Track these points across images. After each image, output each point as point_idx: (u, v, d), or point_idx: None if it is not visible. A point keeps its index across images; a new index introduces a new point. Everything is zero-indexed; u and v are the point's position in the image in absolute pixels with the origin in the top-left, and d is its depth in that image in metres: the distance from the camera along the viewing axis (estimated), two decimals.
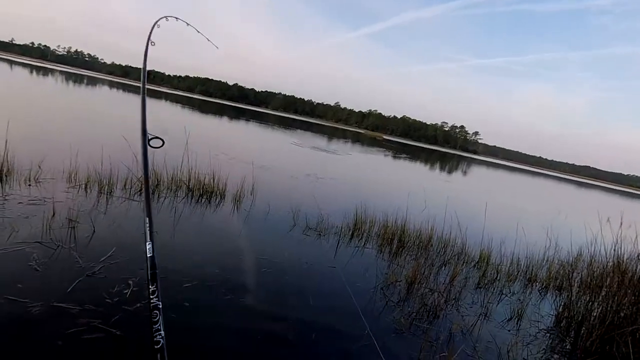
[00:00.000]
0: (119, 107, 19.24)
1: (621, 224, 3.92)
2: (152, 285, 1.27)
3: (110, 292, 2.40)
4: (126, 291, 2.46)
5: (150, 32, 1.92)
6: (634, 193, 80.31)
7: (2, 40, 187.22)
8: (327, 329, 2.69)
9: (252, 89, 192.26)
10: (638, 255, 3.37)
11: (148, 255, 1.35)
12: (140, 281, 2.62)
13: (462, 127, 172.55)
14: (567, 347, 3.18)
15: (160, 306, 1.22)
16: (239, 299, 2.75)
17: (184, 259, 3.21)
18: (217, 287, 2.84)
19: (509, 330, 3.23)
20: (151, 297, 1.24)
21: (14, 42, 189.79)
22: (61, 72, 61.37)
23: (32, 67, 50.65)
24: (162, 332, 1.17)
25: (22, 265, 2.49)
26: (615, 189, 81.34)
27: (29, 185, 4.05)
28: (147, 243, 1.38)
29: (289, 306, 2.87)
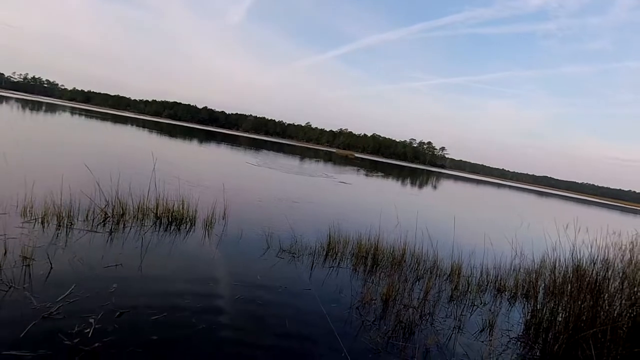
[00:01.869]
0: (79, 133, 18.51)
1: (577, 230, 4.16)
2: None
3: (69, 334, 2.25)
4: (87, 330, 2.32)
5: None
6: (587, 200, 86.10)
7: None
8: (303, 353, 2.65)
9: (223, 112, 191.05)
10: (592, 261, 3.57)
11: None
12: (103, 317, 2.48)
13: (429, 143, 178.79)
14: (537, 354, 3.27)
15: None
16: (212, 328, 2.66)
17: (152, 291, 3.08)
18: (188, 318, 2.73)
19: (482, 341, 3.29)
20: None
21: None
22: (17, 99, 58.52)
23: None
24: None
25: None
26: (571, 197, 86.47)
27: None
28: None
29: (264, 332, 2.80)
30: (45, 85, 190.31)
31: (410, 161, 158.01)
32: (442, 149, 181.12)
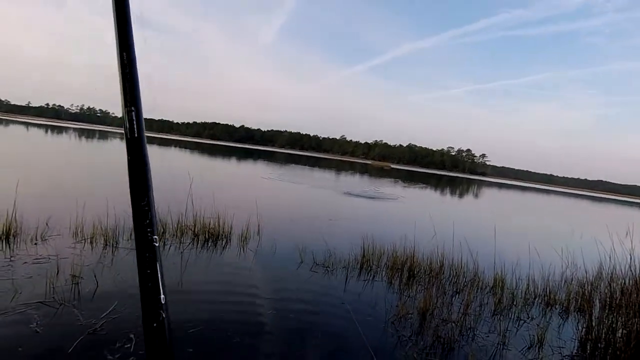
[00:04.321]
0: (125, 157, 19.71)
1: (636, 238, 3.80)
2: (142, 202, 0.69)
3: (111, 349, 2.36)
4: (128, 345, 2.42)
5: None
6: None
7: (19, 104, 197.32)
8: None
9: (259, 129, 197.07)
10: None
11: (129, 137, 0.72)
12: (141, 332, 2.58)
13: (468, 150, 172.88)
14: None
15: (157, 244, 0.67)
16: (247, 342, 2.69)
17: (189, 305, 3.17)
18: (224, 331, 2.79)
19: (530, 359, 3.05)
20: (144, 225, 0.67)
21: (30, 104, 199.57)
22: (74, 129, 63.91)
23: (46, 127, 52.93)
24: (162, 297, 0.66)
25: (23, 328, 2.47)
26: (633, 202, 79.36)
27: (35, 243, 4.11)
28: (127, 108, 0.72)
29: (298, 346, 2.78)
30: (99, 114, 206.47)
31: (448, 170, 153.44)
32: (483, 156, 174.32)
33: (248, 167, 24.36)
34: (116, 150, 25.37)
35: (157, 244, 0.67)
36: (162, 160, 21.12)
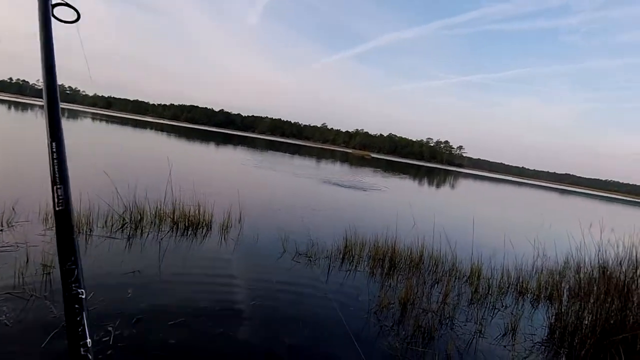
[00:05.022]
0: (100, 140, 19.00)
1: (602, 229, 3.99)
2: (69, 262, 0.80)
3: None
4: (106, 339, 2.34)
5: None
6: (612, 197, 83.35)
7: None
8: (320, 359, 2.61)
9: (239, 114, 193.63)
10: (620, 261, 3.41)
11: (57, 209, 0.82)
12: (120, 324, 2.51)
13: (446, 142, 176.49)
14: (563, 359, 3.14)
15: (84, 297, 0.80)
16: (229, 333, 2.66)
17: (169, 296, 3.10)
18: (205, 322, 2.74)
19: (505, 346, 3.18)
20: (70, 282, 0.78)
21: None
22: (40, 106, 60.61)
23: (9, 103, 49.92)
24: (88, 341, 0.79)
25: None
26: (595, 194, 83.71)
27: (1, 230, 3.88)
28: (56, 186, 0.83)
29: (281, 337, 2.77)
30: (68, 92, 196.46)
31: (427, 160, 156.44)
32: (460, 147, 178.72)
33: (228, 153, 23.92)
34: (88, 131, 24.31)
35: (83, 297, 0.79)
36: (139, 143, 20.42)
